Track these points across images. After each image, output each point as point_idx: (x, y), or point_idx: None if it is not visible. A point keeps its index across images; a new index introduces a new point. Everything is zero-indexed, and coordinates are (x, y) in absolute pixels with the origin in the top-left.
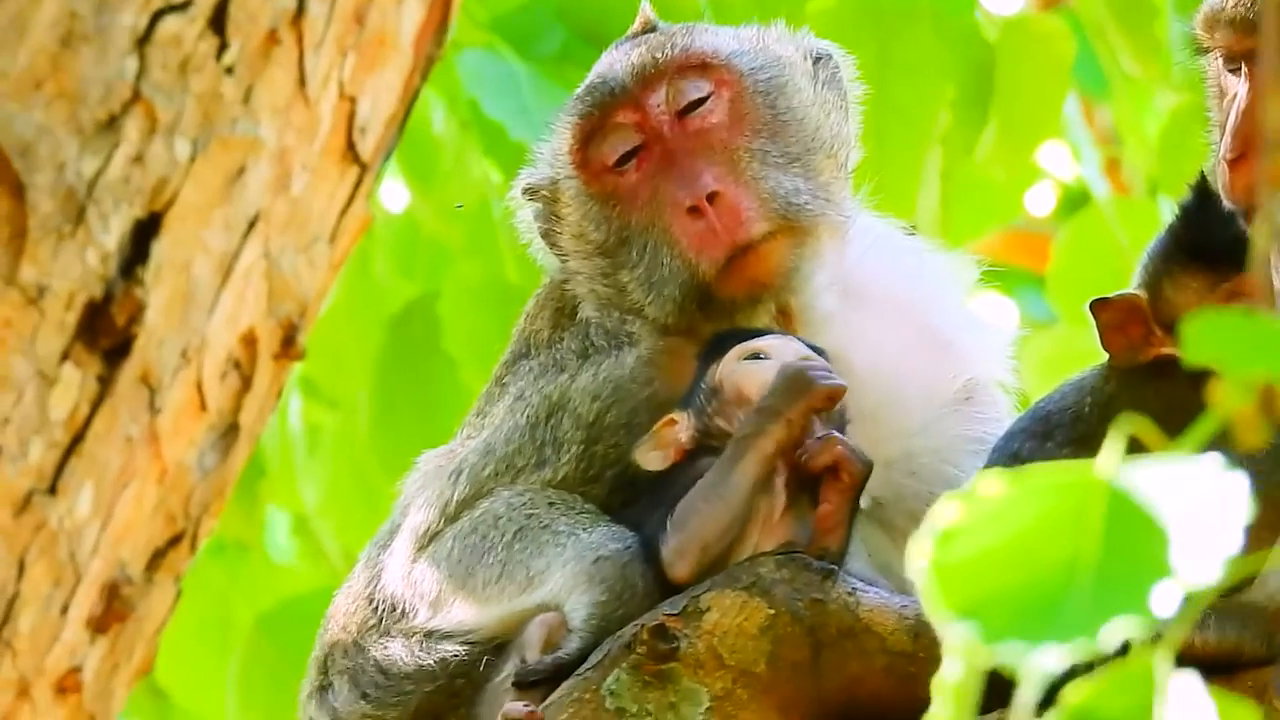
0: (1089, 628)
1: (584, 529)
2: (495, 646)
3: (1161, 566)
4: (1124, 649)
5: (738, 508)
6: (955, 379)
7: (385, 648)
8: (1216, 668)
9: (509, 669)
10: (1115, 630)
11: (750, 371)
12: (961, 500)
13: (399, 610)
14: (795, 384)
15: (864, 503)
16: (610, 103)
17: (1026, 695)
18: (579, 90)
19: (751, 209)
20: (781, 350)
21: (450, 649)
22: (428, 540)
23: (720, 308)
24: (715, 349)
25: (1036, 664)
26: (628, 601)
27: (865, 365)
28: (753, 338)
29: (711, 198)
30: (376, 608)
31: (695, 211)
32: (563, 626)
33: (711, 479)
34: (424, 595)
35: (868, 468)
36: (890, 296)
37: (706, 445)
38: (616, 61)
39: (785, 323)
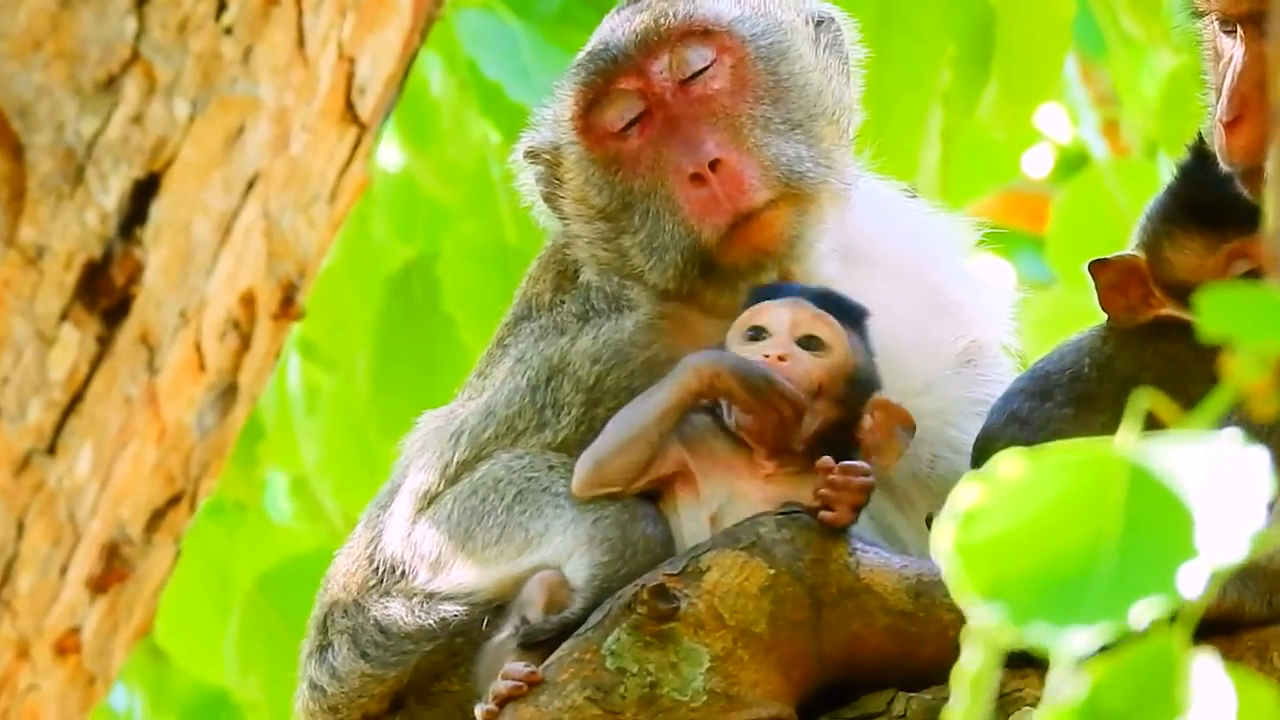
0: (1117, 608)
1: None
2: (495, 607)
3: (1186, 545)
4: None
5: (637, 436)
6: (957, 341)
7: (385, 607)
8: (1217, 628)
9: (509, 628)
10: (1142, 610)
11: (737, 357)
12: (982, 481)
13: (399, 571)
14: (754, 391)
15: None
16: (613, 69)
17: (1059, 677)
18: (581, 56)
19: (754, 176)
20: (779, 324)
21: (450, 609)
22: (427, 502)
23: (722, 274)
24: (751, 302)
25: (1066, 645)
26: (629, 560)
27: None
28: (775, 295)
29: (714, 165)
30: (377, 568)
31: (698, 179)
32: (563, 584)
33: (630, 404)
34: (424, 557)
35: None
36: (892, 259)
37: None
38: (619, 27)
39: None
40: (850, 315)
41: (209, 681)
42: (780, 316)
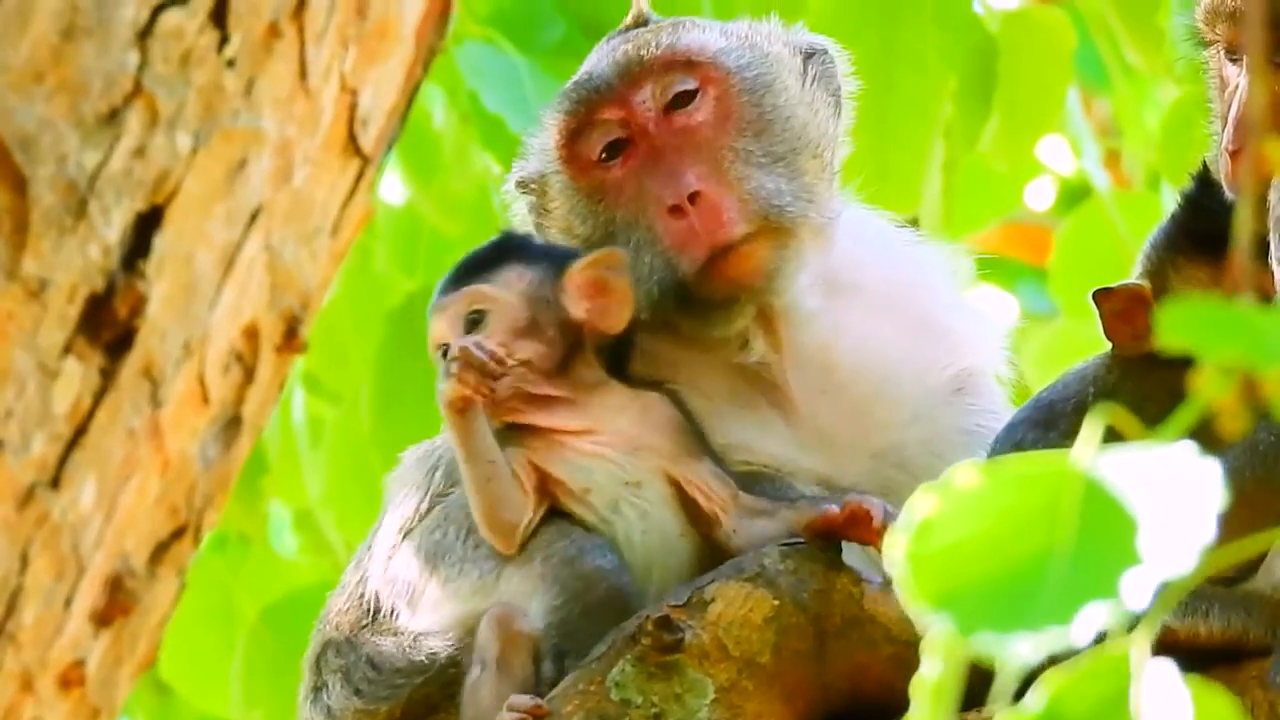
0: (1063, 616)
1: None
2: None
3: (1135, 555)
4: (1101, 639)
5: (481, 480)
6: (948, 369)
7: (377, 645)
8: (1221, 656)
9: (476, 669)
10: (1088, 619)
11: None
12: (937, 491)
13: (383, 609)
14: (466, 385)
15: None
16: (596, 99)
17: (1003, 685)
18: (567, 85)
19: (732, 210)
20: (443, 332)
21: (438, 644)
22: (402, 536)
23: (699, 306)
24: None
25: (1011, 654)
26: (583, 595)
27: (852, 358)
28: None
29: (693, 197)
30: (365, 606)
31: (677, 210)
32: (515, 617)
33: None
34: (400, 594)
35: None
36: (880, 288)
37: None
38: (604, 57)
39: (767, 322)
40: (496, 259)
41: (213, 714)
42: (439, 327)
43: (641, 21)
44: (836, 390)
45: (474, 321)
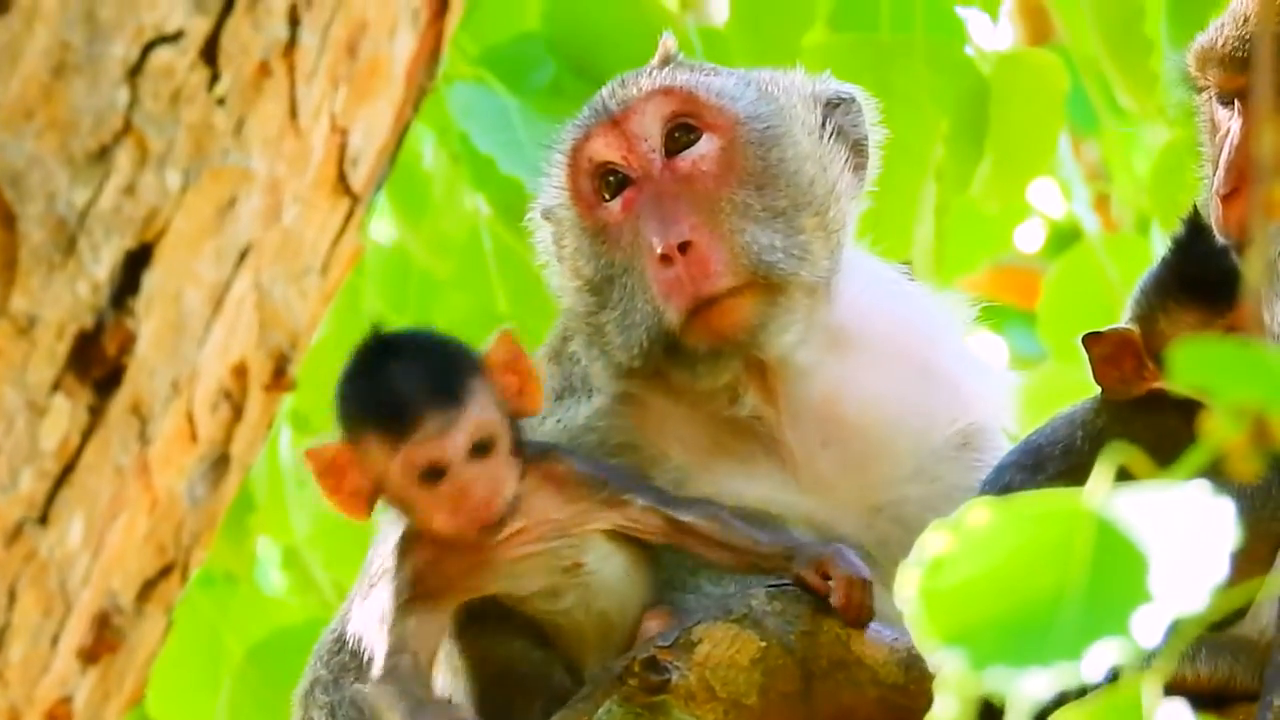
0: (1075, 653)
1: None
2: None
3: (1147, 593)
4: (1115, 678)
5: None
6: (953, 423)
7: (359, 687)
8: (1209, 701)
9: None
10: (1099, 656)
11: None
12: (949, 529)
13: (361, 652)
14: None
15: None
16: (599, 132)
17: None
18: (577, 120)
19: (721, 262)
20: (450, 452)
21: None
22: (380, 576)
23: (685, 356)
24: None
25: (1023, 690)
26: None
27: (855, 411)
28: (375, 415)
29: (684, 246)
30: (349, 647)
31: (666, 259)
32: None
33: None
34: (363, 638)
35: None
36: (884, 340)
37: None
38: (614, 96)
39: (758, 376)
40: (451, 376)
41: None
42: (436, 452)
43: (668, 60)
44: (838, 443)
45: (482, 448)
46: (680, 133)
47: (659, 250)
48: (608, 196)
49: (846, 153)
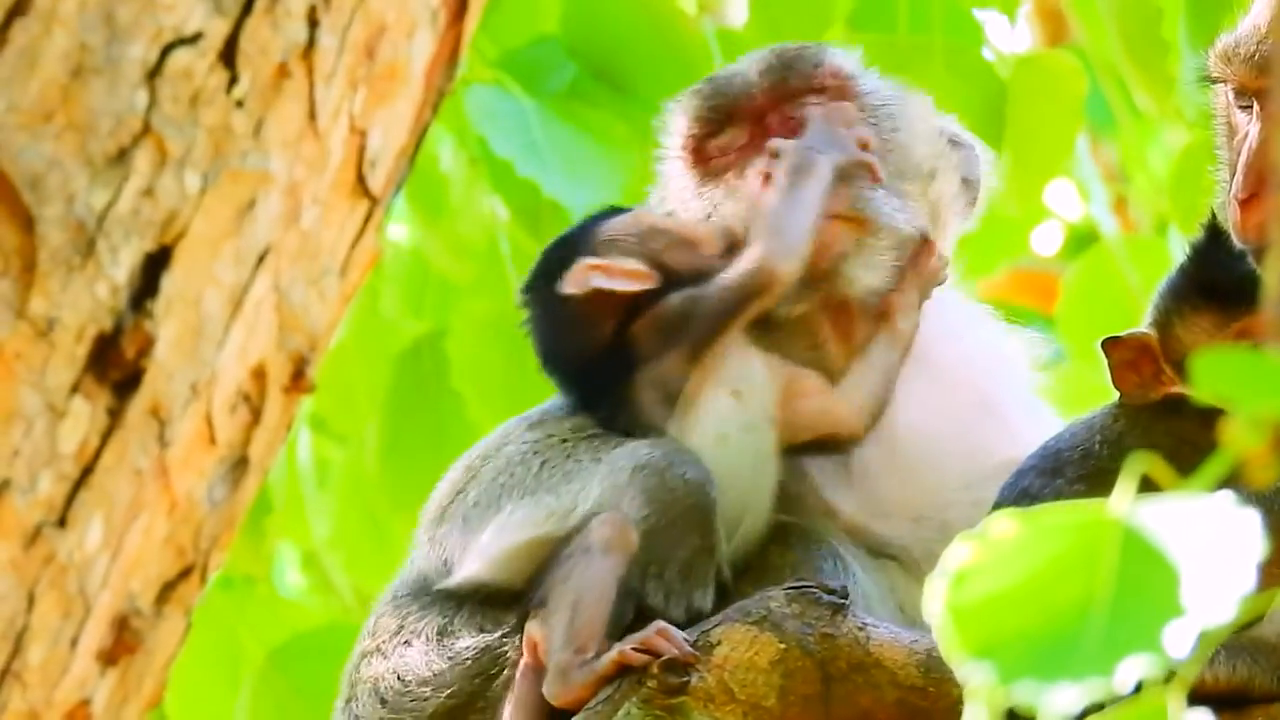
0: (1104, 666)
1: (613, 448)
2: (507, 637)
3: (1175, 605)
4: (1138, 687)
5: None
6: (1003, 450)
7: (403, 655)
8: (1227, 703)
9: (567, 567)
10: (1130, 669)
11: (683, 220)
12: (975, 541)
13: (426, 581)
14: None
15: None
16: (732, 108)
17: None
18: (708, 84)
19: None
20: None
21: (465, 644)
22: (452, 499)
23: None
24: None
25: (1052, 703)
26: (672, 508)
27: (909, 420)
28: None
29: None
30: (399, 608)
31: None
32: (628, 524)
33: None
34: (450, 553)
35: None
36: (950, 365)
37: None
38: (755, 66)
39: (843, 334)
40: None
41: None
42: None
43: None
44: (889, 447)
45: None
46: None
47: (763, 170)
48: (724, 154)
49: (958, 181)
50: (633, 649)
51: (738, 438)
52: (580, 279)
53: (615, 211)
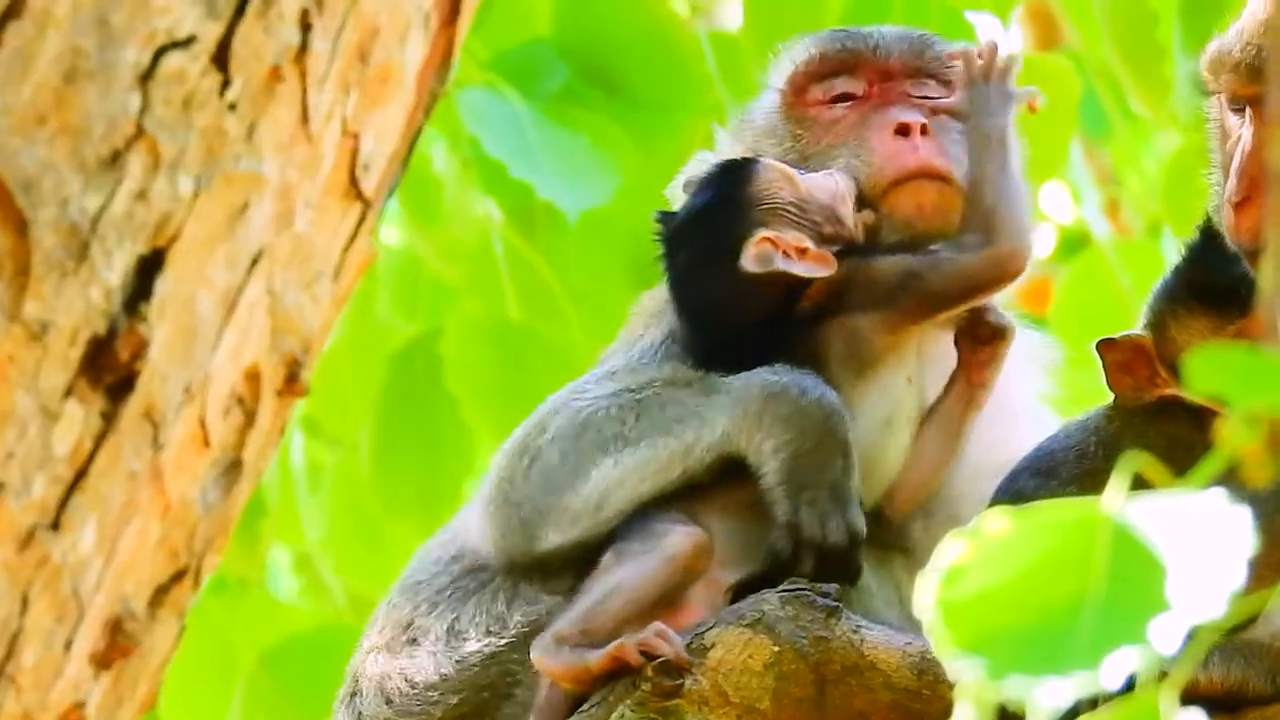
0: (1094, 663)
1: (730, 383)
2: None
3: (1165, 602)
4: (1132, 686)
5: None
6: (1011, 450)
7: (412, 656)
8: (1222, 705)
9: (635, 546)
10: (1118, 665)
11: (819, 181)
12: (967, 538)
13: (466, 561)
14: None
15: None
16: (858, 63)
17: None
18: (842, 34)
19: (947, 155)
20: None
21: (473, 647)
22: (523, 454)
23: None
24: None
25: (1042, 698)
26: (812, 431)
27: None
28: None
29: (922, 129)
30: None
31: (905, 129)
32: (706, 551)
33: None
34: (527, 518)
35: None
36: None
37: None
38: (894, 34)
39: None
40: None
41: None
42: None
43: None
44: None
45: None
46: (930, 88)
47: (900, 121)
48: (828, 100)
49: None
50: (632, 646)
51: (898, 426)
52: (763, 257)
53: (749, 163)
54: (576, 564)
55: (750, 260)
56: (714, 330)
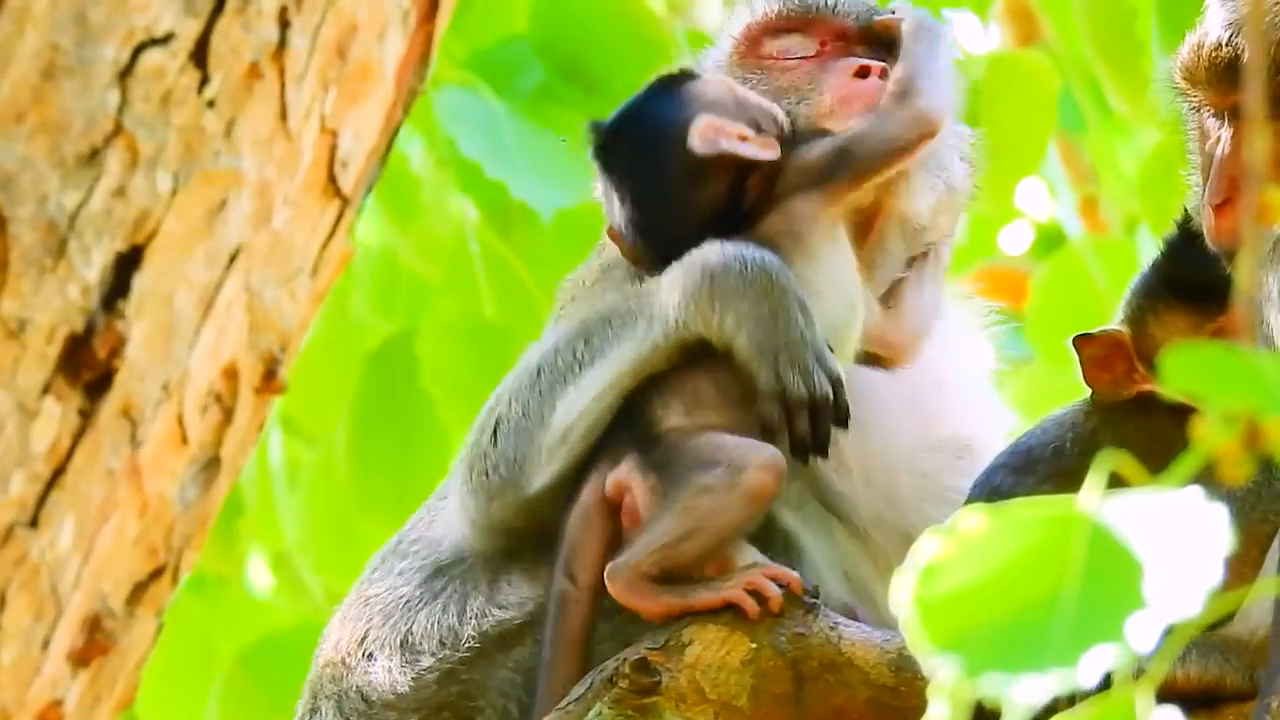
0: (1070, 659)
1: (664, 273)
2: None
3: (1140, 599)
4: (1109, 684)
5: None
6: (952, 430)
7: (367, 673)
8: (1199, 701)
9: (713, 476)
10: (1094, 662)
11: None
12: (944, 535)
13: (441, 550)
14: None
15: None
16: (813, 20)
17: None
18: None
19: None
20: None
21: (428, 663)
22: (487, 426)
23: None
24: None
25: (1018, 696)
26: (766, 297)
27: (864, 382)
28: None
29: (881, 72)
30: (369, 602)
31: (865, 71)
32: (782, 473)
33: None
34: (520, 456)
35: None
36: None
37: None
38: (858, 1)
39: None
40: None
41: None
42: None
43: None
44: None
45: None
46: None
47: (856, 68)
48: (780, 56)
49: (961, 183)
50: (743, 589)
51: (849, 284)
52: (708, 139)
53: (687, 70)
54: (536, 561)
55: (697, 140)
56: (665, 225)
